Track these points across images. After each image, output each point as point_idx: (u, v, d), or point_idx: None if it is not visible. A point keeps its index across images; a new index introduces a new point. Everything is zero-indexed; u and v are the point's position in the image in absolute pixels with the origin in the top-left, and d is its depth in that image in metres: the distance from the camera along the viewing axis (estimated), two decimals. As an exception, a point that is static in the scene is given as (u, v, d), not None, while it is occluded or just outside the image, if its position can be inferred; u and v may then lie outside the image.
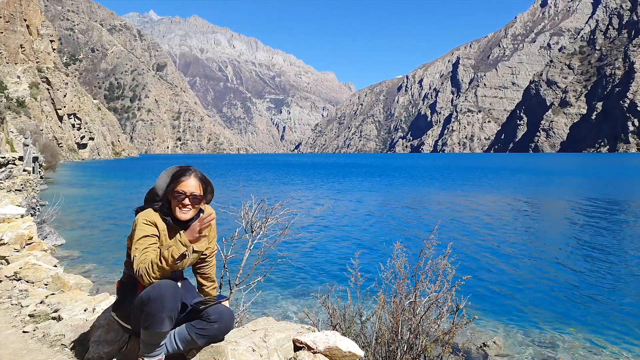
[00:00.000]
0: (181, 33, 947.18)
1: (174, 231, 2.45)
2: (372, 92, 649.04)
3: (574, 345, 5.96)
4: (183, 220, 2.45)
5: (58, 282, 4.11)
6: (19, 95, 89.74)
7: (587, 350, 5.80)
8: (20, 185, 17.30)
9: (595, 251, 11.53)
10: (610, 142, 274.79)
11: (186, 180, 2.44)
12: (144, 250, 2.31)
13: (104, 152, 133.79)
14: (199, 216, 2.49)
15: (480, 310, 6.42)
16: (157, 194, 2.50)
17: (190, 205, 2.44)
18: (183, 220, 2.45)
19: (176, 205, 2.43)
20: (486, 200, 24.37)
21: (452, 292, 3.39)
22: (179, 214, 2.43)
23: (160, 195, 2.49)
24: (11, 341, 2.92)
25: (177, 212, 2.43)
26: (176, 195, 2.42)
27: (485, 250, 11.71)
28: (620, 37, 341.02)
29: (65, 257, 10.06)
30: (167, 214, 2.45)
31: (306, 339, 2.60)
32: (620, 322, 6.68)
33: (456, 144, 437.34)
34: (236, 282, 4.28)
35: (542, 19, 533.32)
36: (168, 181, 2.49)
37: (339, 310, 3.78)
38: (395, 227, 15.66)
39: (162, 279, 2.27)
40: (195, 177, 2.47)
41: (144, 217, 2.40)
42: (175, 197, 2.42)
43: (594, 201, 23.05)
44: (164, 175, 2.51)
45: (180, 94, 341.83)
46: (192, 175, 2.47)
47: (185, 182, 2.43)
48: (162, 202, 2.48)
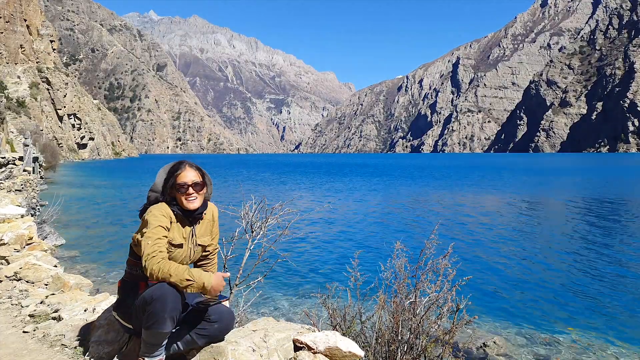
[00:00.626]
0: (181, 33, 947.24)
1: (182, 222, 2.54)
2: (372, 92, 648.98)
3: (574, 345, 5.96)
4: (192, 210, 2.53)
5: (58, 282, 4.11)
6: (19, 95, 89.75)
7: (587, 350, 5.80)
8: (20, 186, 17.30)
9: (596, 251, 11.53)
10: (611, 142, 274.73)
11: (183, 171, 2.54)
12: (156, 241, 2.34)
13: (104, 152, 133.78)
14: (206, 205, 2.63)
15: (480, 310, 6.41)
16: (158, 191, 2.57)
17: (195, 193, 2.53)
18: (192, 210, 2.53)
19: (181, 196, 2.51)
20: (487, 200, 24.37)
21: (452, 292, 3.39)
22: (188, 205, 2.51)
23: (161, 191, 2.57)
24: (11, 341, 2.92)
25: (186, 204, 2.51)
26: (179, 188, 2.51)
27: (486, 250, 11.71)
28: (621, 37, 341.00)
29: (65, 257, 10.05)
30: (173, 207, 2.52)
31: (306, 339, 2.60)
32: (620, 322, 6.68)
33: (456, 144, 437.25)
34: (236, 282, 4.28)
35: (542, 19, 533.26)
36: (165, 177, 2.57)
37: (339, 310, 3.78)
38: (395, 227, 15.65)
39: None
40: (190, 167, 2.58)
41: (157, 209, 2.47)
42: (179, 190, 2.51)
43: (594, 201, 23.05)
44: (161, 173, 2.60)
45: (180, 94, 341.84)
46: (187, 166, 2.57)
47: (183, 174, 2.53)
48: (165, 198, 2.55)
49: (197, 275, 2.27)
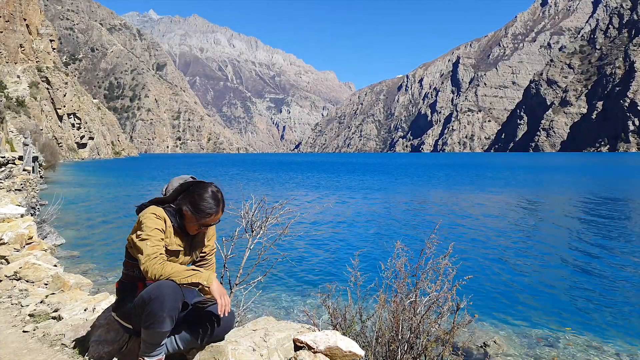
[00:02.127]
0: (181, 32, 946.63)
1: (177, 232, 2.49)
2: (372, 92, 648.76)
3: (574, 344, 5.96)
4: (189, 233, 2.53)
5: (58, 282, 4.11)
6: (19, 94, 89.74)
7: (587, 350, 5.80)
8: (20, 185, 17.29)
9: (596, 251, 11.53)
10: (611, 141, 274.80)
11: (216, 215, 2.49)
12: (156, 242, 2.33)
13: (104, 151, 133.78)
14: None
15: (480, 310, 6.41)
16: (167, 200, 2.52)
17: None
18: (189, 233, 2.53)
19: (194, 226, 2.48)
20: (487, 200, 24.36)
21: (452, 292, 3.38)
22: (192, 231, 2.52)
23: (170, 201, 2.51)
24: (11, 341, 2.92)
25: (192, 230, 2.51)
26: (203, 224, 2.48)
27: (486, 249, 11.70)
28: (621, 36, 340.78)
29: (65, 257, 10.04)
30: (173, 217, 2.48)
31: (306, 339, 2.60)
32: (620, 322, 6.68)
33: (456, 143, 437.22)
34: (236, 281, 4.28)
35: (542, 18, 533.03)
36: (188, 190, 2.49)
37: (339, 310, 3.77)
38: (396, 226, 15.64)
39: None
40: (221, 210, 2.52)
41: (154, 212, 2.42)
42: (202, 225, 2.49)
43: (594, 201, 23.06)
44: (186, 185, 2.52)
45: (180, 94, 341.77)
46: (220, 210, 2.51)
47: (215, 217, 2.49)
48: (170, 204, 2.50)
49: (205, 277, 2.29)
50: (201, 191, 2.46)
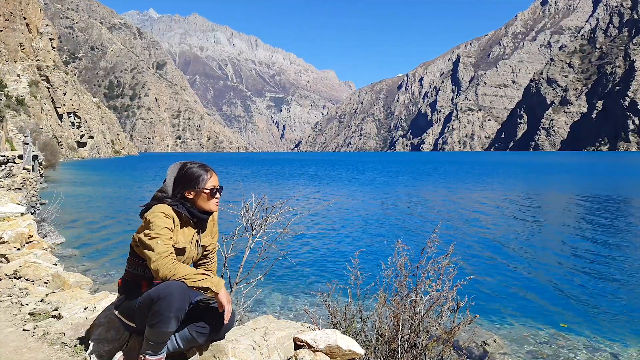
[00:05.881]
0: (181, 31, 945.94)
1: (186, 224, 2.51)
2: (373, 91, 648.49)
3: (574, 344, 5.96)
4: (211, 212, 2.58)
5: (58, 281, 4.11)
6: (19, 93, 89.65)
7: (587, 349, 5.80)
8: (20, 184, 17.28)
9: (597, 250, 11.53)
10: (611, 140, 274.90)
11: (213, 175, 2.56)
12: (167, 241, 2.32)
13: (104, 150, 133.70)
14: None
15: (481, 309, 6.41)
16: (167, 192, 2.51)
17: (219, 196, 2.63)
18: (211, 212, 2.58)
19: (210, 199, 2.53)
20: (488, 200, 24.35)
21: (453, 291, 3.38)
22: (213, 207, 2.56)
23: (170, 192, 2.50)
24: (11, 339, 2.92)
25: (213, 207, 2.56)
26: (211, 192, 2.53)
27: (487, 249, 11.71)
28: (621, 35, 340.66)
29: (65, 256, 10.04)
30: (181, 209, 2.47)
31: (307, 338, 2.60)
32: (620, 322, 6.68)
33: (456, 142, 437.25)
34: (236, 280, 4.28)
35: (542, 18, 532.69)
36: (175, 176, 2.52)
37: (339, 309, 3.77)
38: (396, 226, 15.64)
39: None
40: (213, 171, 2.59)
41: (162, 210, 2.40)
42: (212, 194, 2.53)
43: (594, 200, 23.06)
44: (172, 172, 2.55)
45: (180, 93, 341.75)
46: (212, 170, 2.59)
47: (213, 178, 2.56)
48: (173, 199, 2.48)
49: (215, 283, 2.30)
50: (183, 169, 2.54)
